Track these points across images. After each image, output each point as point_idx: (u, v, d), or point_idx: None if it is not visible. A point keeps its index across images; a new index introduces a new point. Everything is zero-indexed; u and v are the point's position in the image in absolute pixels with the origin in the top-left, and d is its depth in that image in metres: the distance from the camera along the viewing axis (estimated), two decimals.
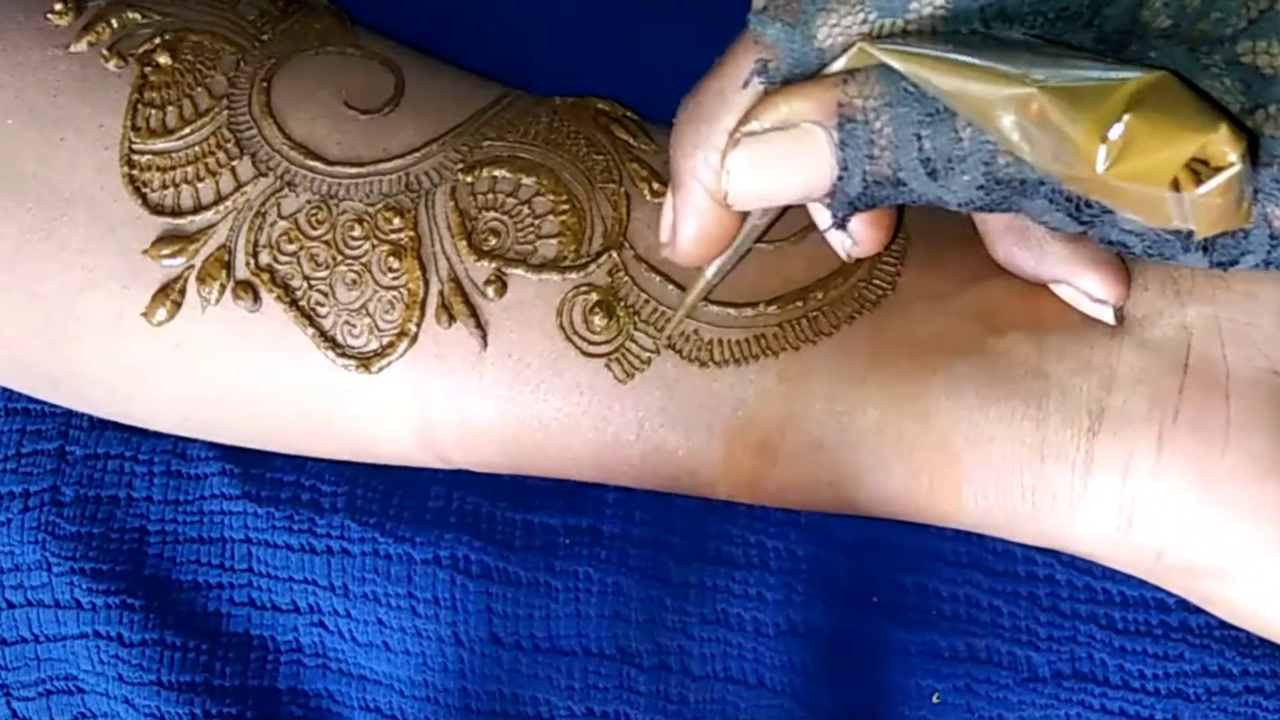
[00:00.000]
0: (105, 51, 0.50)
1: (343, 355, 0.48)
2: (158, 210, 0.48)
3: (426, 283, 0.48)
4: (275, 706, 0.54)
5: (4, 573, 0.55)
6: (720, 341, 0.47)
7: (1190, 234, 0.36)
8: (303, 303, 0.48)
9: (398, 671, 0.52)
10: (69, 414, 0.56)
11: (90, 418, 0.55)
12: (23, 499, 0.55)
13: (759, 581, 0.51)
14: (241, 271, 0.48)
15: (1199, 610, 0.48)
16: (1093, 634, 0.49)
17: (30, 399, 0.56)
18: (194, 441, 0.54)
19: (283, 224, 0.48)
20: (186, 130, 0.49)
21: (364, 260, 0.48)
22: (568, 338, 0.47)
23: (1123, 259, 0.45)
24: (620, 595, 0.51)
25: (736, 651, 0.51)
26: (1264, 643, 0.48)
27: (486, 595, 0.51)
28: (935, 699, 0.50)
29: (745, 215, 0.42)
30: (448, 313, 0.47)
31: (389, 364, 0.48)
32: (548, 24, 0.55)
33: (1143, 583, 0.48)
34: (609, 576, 0.51)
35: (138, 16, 0.51)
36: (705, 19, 0.53)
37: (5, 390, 0.56)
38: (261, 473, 0.54)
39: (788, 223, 0.46)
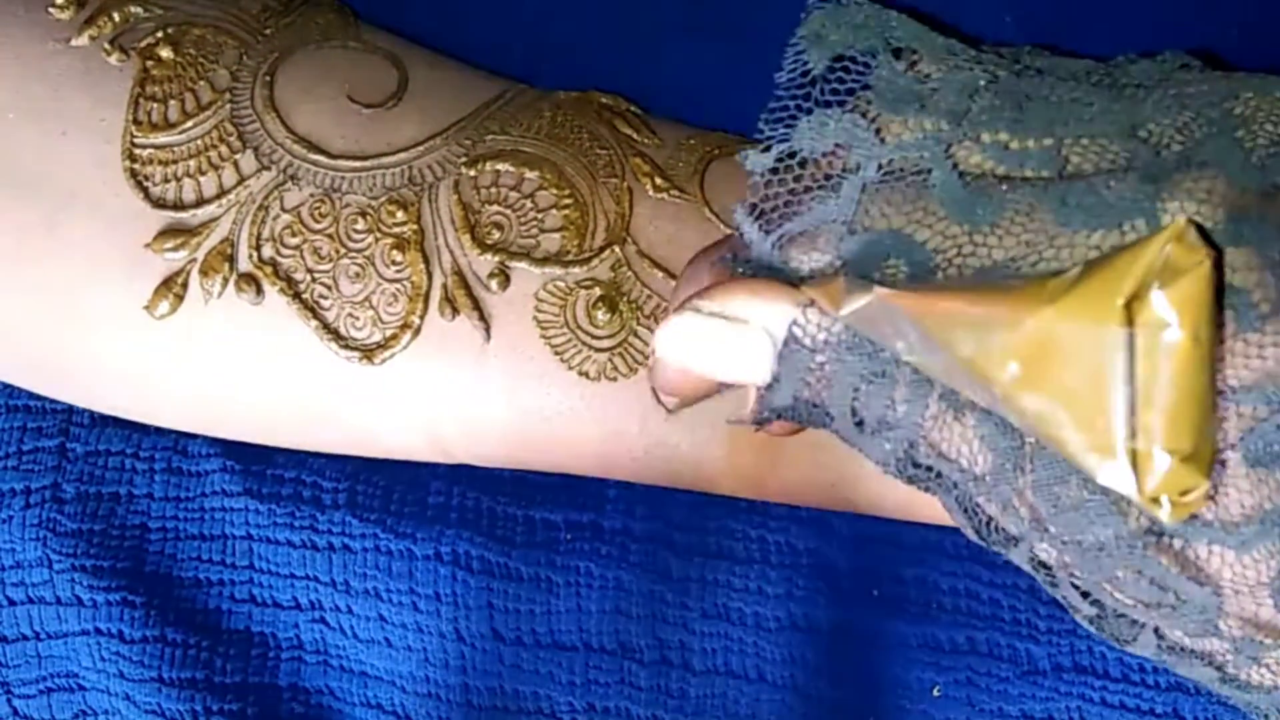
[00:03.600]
0: (107, 45, 0.50)
1: (346, 347, 0.48)
2: (160, 204, 0.48)
3: (430, 276, 0.48)
4: (276, 703, 0.54)
5: (5, 570, 0.54)
6: None
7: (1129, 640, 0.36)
8: (306, 295, 0.48)
9: (399, 667, 0.52)
10: (70, 410, 0.56)
11: (91, 414, 0.55)
12: (24, 496, 0.55)
13: (760, 576, 0.51)
14: (244, 264, 0.48)
15: None
16: None
17: (31, 395, 0.56)
18: (195, 438, 0.54)
19: (285, 217, 0.48)
20: (189, 124, 0.49)
21: (367, 253, 0.48)
22: (571, 332, 0.47)
23: None
24: (621, 590, 0.51)
25: (738, 646, 0.51)
26: None
27: (488, 591, 0.51)
28: (936, 692, 0.50)
29: None
30: (451, 305, 0.47)
31: (392, 356, 0.48)
32: (551, 19, 0.55)
33: None
34: (610, 571, 0.51)
35: (140, 10, 0.51)
36: (709, 14, 0.53)
37: (6, 386, 0.56)
38: (263, 469, 0.54)
39: None
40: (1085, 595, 0.36)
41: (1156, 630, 0.36)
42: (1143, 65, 0.38)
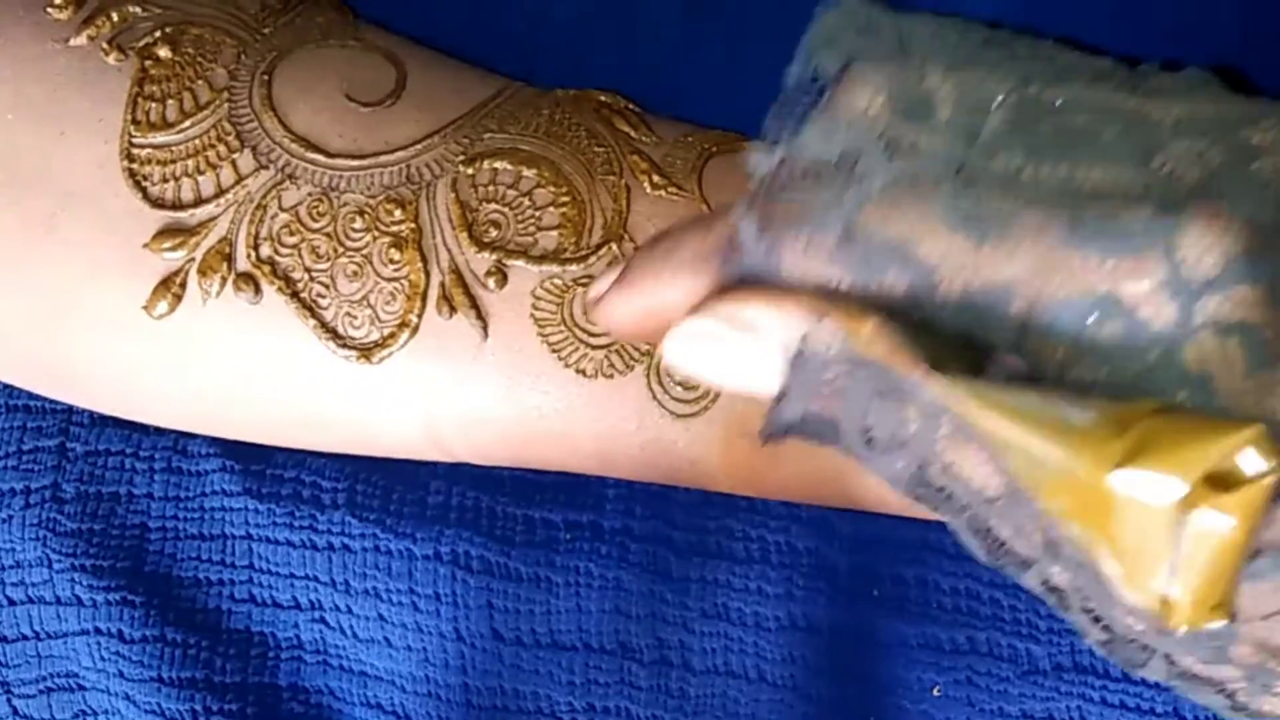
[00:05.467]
0: (105, 45, 0.50)
1: (344, 346, 0.48)
2: (158, 204, 0.49)
3: (428, 274, 0.48)
4: (276, 703, 0.54)
5: (5, 569, 0.55)
6: None
7: (1141, 664, 0.35)
8: (304, 294, 0.48)
9: (399, 667, 0.52)
10: (70, 410, 0.56)
11: (91, 414, 0.55)
12: (23, 495, 0.55)
13: (760, 576, 0.51)
14: (242, 264, 0.48)
15: None
16: None
17: (31, 395, 0.56)
18: (194, 438, 0.54)
19: (284, 216, 0.48)
20: (187, 124, 0.49)
21: (365, 252, 0.48)
22: (569, 329, 0.47)
23: None
24: (621, 590, 0.51)
25: (737, 646, 0.51)
26: None
27: (487, 590, 0.51)
28: (936, 692, 0.50)
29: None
30: (449, 304, 0.47)
31: (390, 354, 0.48)
32: (549, 17, 0.55)
33: None
34: (610, 571, 0.51)
35: (138, 10, 0.51)
36: (707, 12, 0.53)
37: (6, 386, 0.56)
38: (262, 469, 0.54)
39: None
40: (1096, 620, 0.36)
41: (1168, 656, 0.36)
42: (1164, 78, 0.38)
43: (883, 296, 0.34)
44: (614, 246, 0.48)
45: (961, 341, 0.34)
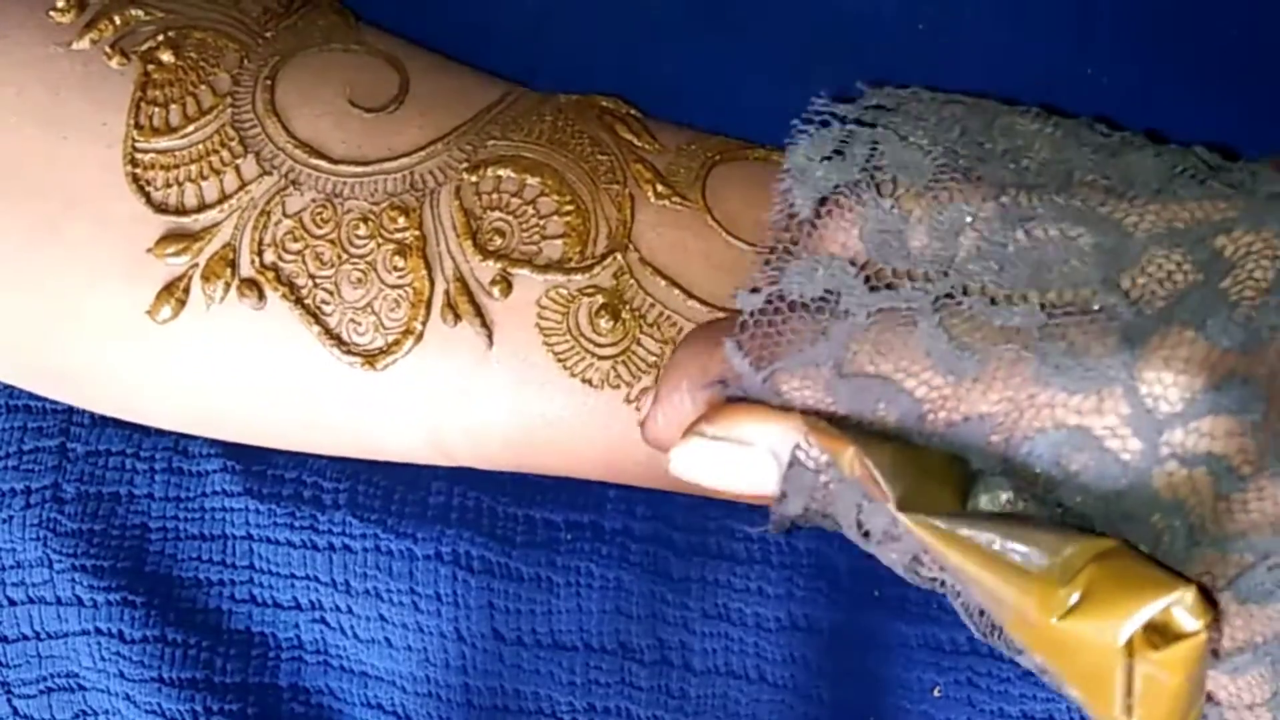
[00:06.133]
0: (108, 49, 0.50)
1: (347, 353, 0.48)
2: (161, 209, 0.48)
3: (432, 282, 0.48)
4: (276, 703, 0.54)
5: (5, 570, 0.54)
6: None
7: None
8: (307, 301, 0.48)
9: (399, 667, 0.52)
10: (70, 411, 0.56)
11: (92, 414, 0.55)
12: (24, 496, 0.55)
13: (760, 576, 0.51)
14: (246, 270, 0.48)
15: None
16: None
17: (32, 395, 0.56)
18: (195, 438, 0.54)
19: (287, 222, 0.48)
20: (190, 128, 0.49)
21: (369, 259, 0.48)
22: (574, 339, 0.47)
23: None
24: (621, 590, 0.51)
25: (738, 646, 0.51)
26: None
27: (488, 590, 0.51)
28: (936, 692, 0.50)
29: None
30: (453, 312, 0.47)
31: (394, 362, 0.48)
32: (552, 21, 0.55)
33: None
34: (610, 571, 0.51)
35: (141, 14, 0.51)
36: (709, 17, 0.53)
37: (6, 387, 0.56)
38: (263, 469, 0.54)
39: None
40: None
41: None
42: (1141, 160, 0.38)
43: (876, 424, 0.37)
44: (619, 257, 0.48)
45: (954, 458, 0.36)
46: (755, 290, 0.38)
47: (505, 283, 0.47)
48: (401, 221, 0.48)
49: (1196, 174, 0.38)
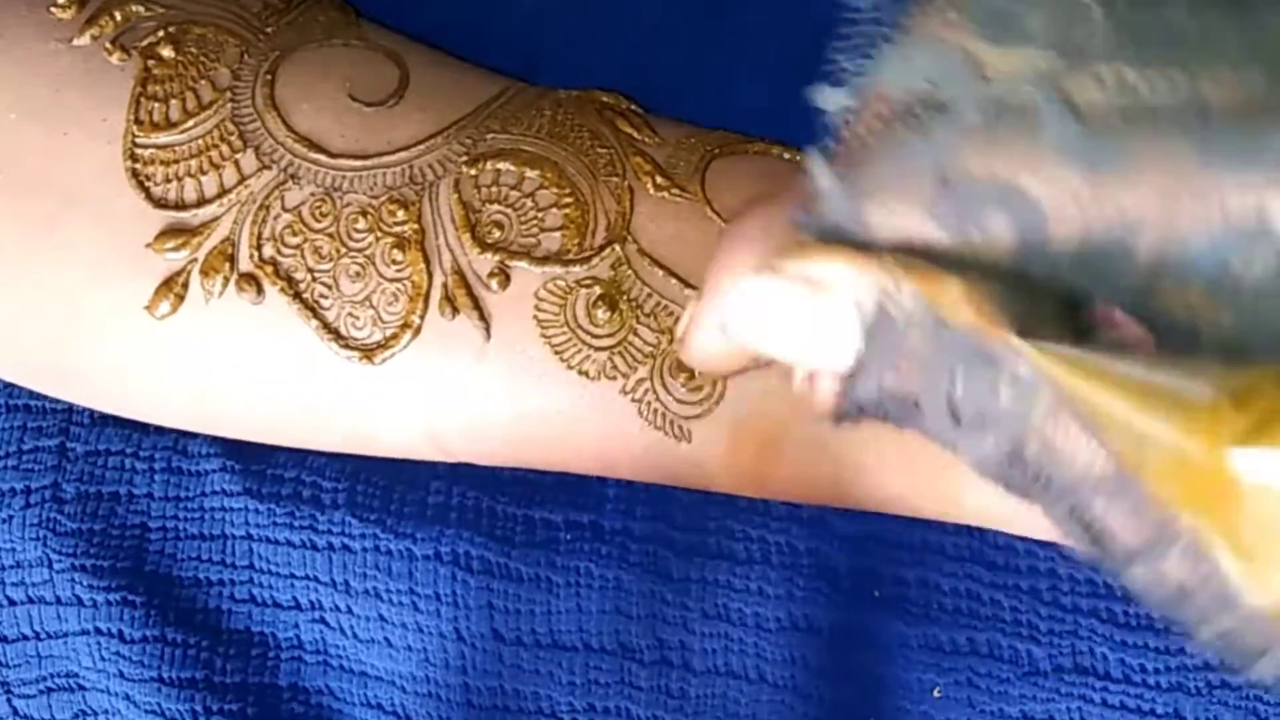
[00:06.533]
0: (108, 45, 0.50)
1: (346, 347, 0.48)
2: (161, 204, 0.49)
3: (430, 275, 0.48)
4: (276, 703, 0.53)
5: (5, 569, 0.54)
6: None
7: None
8: (306, 295, 0.48)
9: (399, 667, 0.52)
10: (70, 410, 0.56)
11: (91, 414, 0.55)
12: (24, 495, 0.55)
13: (760, 576, 0.51)
14: (245, 264, 0.48)
15: None
16: (1094, 628, 0.49)
17: (31, 395, 0.56)
18: (195, 438, 0.54)
19: (286, 217, 0.48)
20: (190, 124, 0.49)
21: (368, 253, 0.48)
22: (571, 331, 0.47)
23: None
24: (621, 590, 0.51)
25: (738, 646, 0.50)
26: None
27: (488, 591, 0.51)
28: (936, 693, 0.50)
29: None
30: (451, 305, 0.47)
31: (392, 355, 0.48)
32: (551, 17, 0.55)
33: None
34: (610, 571, 0.51)
35: (141, 9, 0.51)
36: (708, 14, 0.53)
37: (6, 386, 0.56)
38: (263, 469, 0.54)
39: None
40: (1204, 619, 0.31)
41: None
42: None
43: (987, 250, 0.31)
44: (617, 248, 0.48)
45: (1069, 304, 0.30)
46: (839, 84, 0.32)
47: (503, 275, 0.47)
48: (400, 215, 0.48)
49: None
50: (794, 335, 0.32)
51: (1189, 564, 0.29)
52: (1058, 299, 0.30)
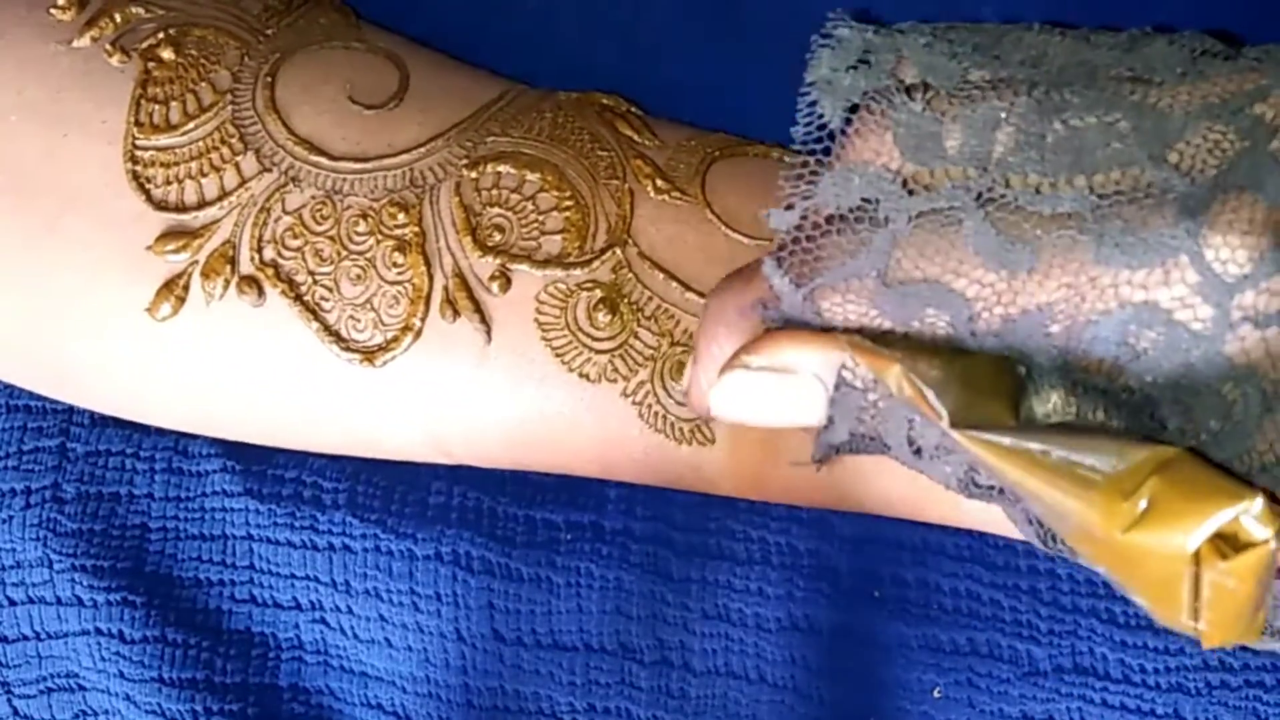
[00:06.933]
0: (108, 47, 0.50)
1: (347, 349, 0.48)
2: (161, 206, 0.49)
3: (431, 278, 0.48)
4: (277, 703, 0.54)
5: (5, 570, 0.54)
6: None
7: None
8: (307, 297, 0.48)
9: (399, 668, 0.52)
10: (70, 410, 0.56)
11: (91, 414, 0.55)
12: (24, 496, 0.54)
13: (760, 577, 0.51)
14: (246, 266, 0.48)
15: None
16: (1094, 628, 0.49)
17: (31, 395, 0.56)
18: (195, 438, 0.54)
19: (287, 219, 0.48)
20: (190, 125, 0.49)
21: (368, 255, 0.48)
22: (572, 334, 0.47)
23: None
24: (622, 590, 0.51)
25: (738, 647, 0.50)
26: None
27: (488, 591, 0.51)
28: (936, 694, 0.50)
29: None
30: (452, 308, 0.47)
31: (393, 358, 0.48)
32: (552, 23, 0.55)
33: None
34: (610, 572, 0.51)
35: (141, 11, 0.51)
36: (708, 15, 0.53)
37: (6, 387, 0.56)
38: (263, 469, 0.53)
39: None
40: None
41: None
42: (1159, 48, 0.37)
43: (926, 333, 0.35)
44: (618, 251, 0.48)
45: (1005, 364, 0.35)
46: (789, 207, 0.37)
47: (504, 278, 0.47)
48: (401, 218, 0.48)
49: (1217, 54, 0.37)
50: (769, 410, 0.37)
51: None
52: (993, 359, 0.35)
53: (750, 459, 0.47)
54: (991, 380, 0.35)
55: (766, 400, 0.37)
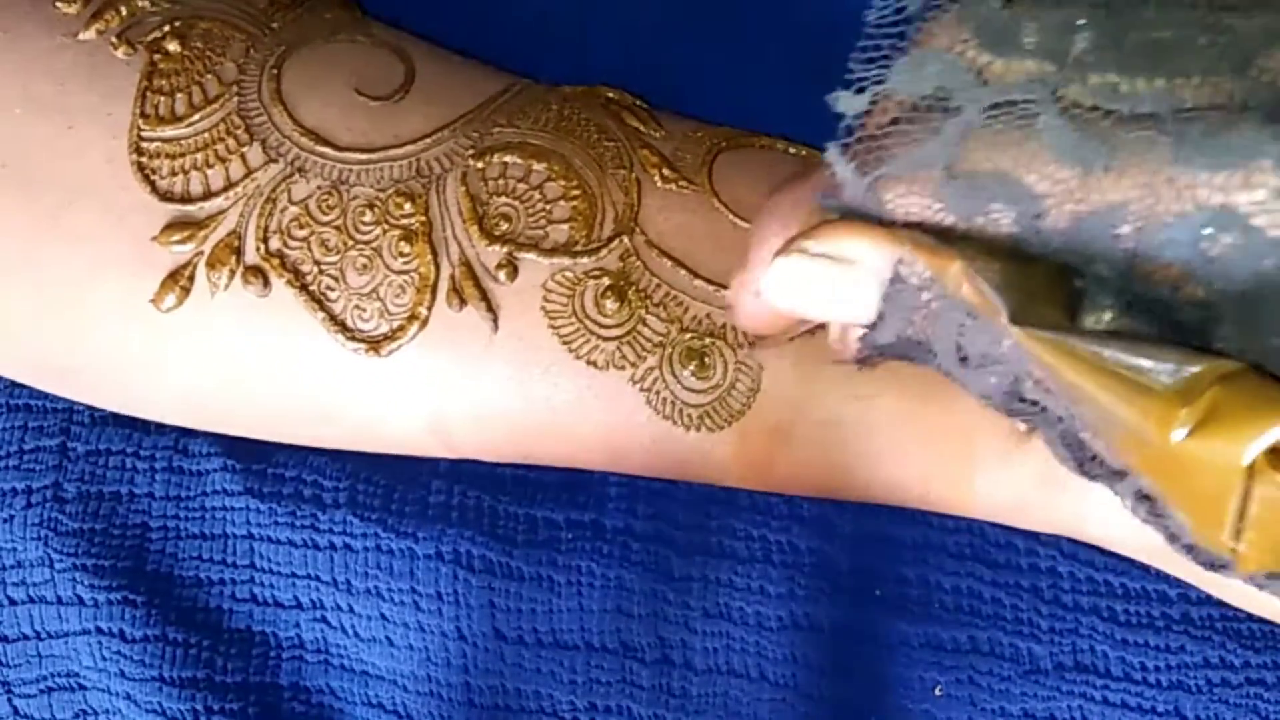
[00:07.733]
0: (114, 39, 0.50)
1: (352, 339, 0.48)
2: (167, 197, 0.49)
3: (438, 267, 0.48)
4: (277, 702, 0.53)
5: (6, 569, 0.54)
6: (734, 325, 0.47)
7: (1222, 566, 0.34)
8: (313, 287, 0.48)
9: (400, 667, 0.52)
10: (71, 410, 0.56)
11: (92, 413, 0.55)
12: (25, 495, 0.54)
13: (761, 575, 0.51)
14: (251, 257, 0.48)
15: (1200, 602, 0.48)
16: (1094, 626, 0.49)
17: (32, 395, 0.56)
18: (196, 437, 0.54)
19: (293, 209, 0.48)
20: (196, 117, 0.49)
21: (375, 245, 0.48)
22: (580, 321, 0.47)
23: None
24: (622, 589, 0.51)
25: (739, 645, 0.51)
26: (1266, 635, 0.48)
27: (489, 590, 0.51)
28: (938, 692, 0.50)
29: None
30: (459, 296, 0.47)
31: (399, 347, 0.48)
32: (555, 20, 0.55)
33: (1144, 574, 0.49)
34: (611, 571, 0.51)
35: (146, 4, 0.51)
36: (712, 18, 0.53)
37: (7, 386, 0.56)
38: (263, 468, 0.53)
39: None
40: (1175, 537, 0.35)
41: None
42: None
43: (988, 230, 0.34)
44: (625, 239, 0.48)
45: (1062, 274, 0.34)
46: (860, 91, 0.36)
47: (511, 267, 0.48)
48: (407, 207, 0.48)
49: None
50: (821, 300, 0.37)
51: (1151, 503, 0.34)
52: (1050, 268, 0.34)
53: (758, 446, 0.47)
54: (1048, 289, 0.34)
55: (818, 290, 0.36)
